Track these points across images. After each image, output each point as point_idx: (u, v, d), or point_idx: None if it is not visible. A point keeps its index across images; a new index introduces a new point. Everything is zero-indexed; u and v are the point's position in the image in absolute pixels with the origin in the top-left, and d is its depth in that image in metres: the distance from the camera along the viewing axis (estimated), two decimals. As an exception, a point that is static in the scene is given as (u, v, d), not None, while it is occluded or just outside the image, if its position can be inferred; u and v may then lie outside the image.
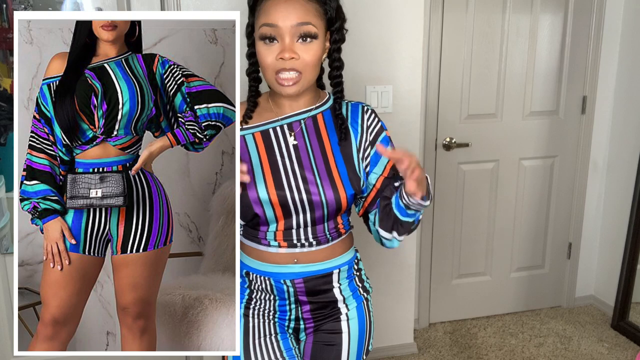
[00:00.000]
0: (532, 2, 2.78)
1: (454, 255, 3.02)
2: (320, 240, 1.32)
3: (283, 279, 1.33)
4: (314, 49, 1.22)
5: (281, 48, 1.21)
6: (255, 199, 1.26)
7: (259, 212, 1.27)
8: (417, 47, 2.43)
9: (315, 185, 1.27)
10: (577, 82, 2.95)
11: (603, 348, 2.84)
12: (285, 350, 1.36)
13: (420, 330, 3.00)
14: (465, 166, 2.91)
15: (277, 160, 1.29)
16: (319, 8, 1.23)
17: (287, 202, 1.27)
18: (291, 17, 1.19)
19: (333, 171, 1.29)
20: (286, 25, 1.19)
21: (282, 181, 1.27)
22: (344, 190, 1.28)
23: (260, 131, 1.31)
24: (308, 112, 1.32)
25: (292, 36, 1.20)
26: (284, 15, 1.19)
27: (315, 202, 1.27)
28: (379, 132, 1.34)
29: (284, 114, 1.31)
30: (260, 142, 1.30)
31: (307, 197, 1.27)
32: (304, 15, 1.20)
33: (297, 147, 1.30)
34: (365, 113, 1.35)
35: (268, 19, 1.20)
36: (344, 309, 1.39)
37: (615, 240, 3.02)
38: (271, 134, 1.30)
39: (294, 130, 1.31)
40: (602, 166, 3.10)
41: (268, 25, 1.20)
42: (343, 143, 1.32)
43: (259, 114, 1.33)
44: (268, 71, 1.24)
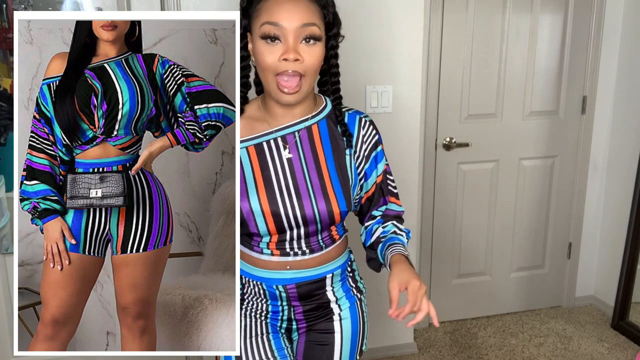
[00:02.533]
0: (532, 2, 2.78)
1: (454, 255, 3.02)
2: (314, 249, 1.31)
3: (275, 285, 1.32)
4: (318, 51, 1.18)
5: (285, 49, 1.15)
6: (248, 212, 1.24)
7: (251, 225, 1.25)
8: (417, 47, 2.43)
9: (309, 199, 1.25)
10: (577, 82, 2.95)
11: (603, 348, 2.84)
12: (277, 349, 1.35)
13: (420, 330, 3.00)
14: (465, 166, 2.91)
15: (271, 175, 1.25)
16: (321, 11, 1.20)
17: (280, 218, 1.25)
18: (297, 17, 1.14)
19: (327, 185, 1.26)
20: (291, 26, 1.15)
21: (276, 197, 1.24)
22: (337, 206, 1.26)
23: (254, 144, 1.27)
24: (304, 121, 1.28)
25: (296, 37, 1.15)
26: (290, 15, 1.14)
27: (309, 217, 1.25)
28: (375, 146, 1.32)
29: (278, 124, 1.27)
30: (254, 157, 1.26)
31: (301, 212, 1.25)
32: (310, 16, 1.16)
33: (290, 161, 1.26)
34: (362, 124, 1.32)
35: (271, 17, 1.15)
36: (337, 309, 1.38)
37: (615, 240, 3.02)
38: (265, 147, 1.27)
39: (288, 142, 1.27)
40: (602, 166, 3.10)
41: (271, 24, 1.15)
42: (338, 154, 1.29)
43: (251, 126, 1.29)
44: (268, 73, 1.18)
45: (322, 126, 1.29)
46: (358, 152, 1.31)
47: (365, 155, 1.32)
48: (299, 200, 1.25)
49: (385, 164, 1.35)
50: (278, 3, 1.16)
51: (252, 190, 1.24)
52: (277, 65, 1.16)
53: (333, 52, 1.26)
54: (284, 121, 1.27)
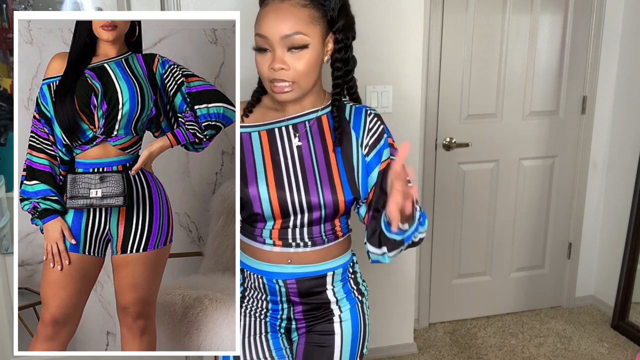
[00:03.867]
0: (532, 2, 2.78)
1: (454, 255, 3.02)
2: (316, 241, 1.32)
3: (275, 279, 1.33)
4: (306, 57, 1.21)
5: (272, 58, 1.21)
6: (255, 196, 1.27)
7: (257, 209, 1.27)
8: (417, 47, 2.43)
9: (315, 187, 1.28)
10: (577, 82, 2.95)
11: (603, 348, 2.84)
12: (275, 349, 1.36)
13: (420, 330, 3.00)
14: (465, 166, 2.91)
15: (280, 160, 1.29)
16: (314, 13, 1.21)
17: (286, 202, 1.27)
18: (280, 28, 1.18)
19: (334, 174, 1.29)
20: (275, 37, 1.19)
21: (284, 181, 1.28)
22: (343, 195, 1.28)
23: (266, 130, 1.31)
24: (314, 112, 1.32)
25: (282, 47, 1.20)
26: (273, 26, 1.19)
27: (314, 204, 1.28)
28: (380, 136, 1.33)
29: (288, 114, 1.32)
30: (265, 141, 1.31)
31: (306, 198, 1.27)
32: (294, 25, 1.18)
33: (300, 149, 1.30)
34: (368, 116, 1.34)
35: (260, 28, 1.20)
36: (337, 311, 1.38)
37: (615, 240, 3.02)
38: (276, 133, 1.31)
39: (299, 131, 1.31)
40: (602, 166, 3.10)
41: (259, 36, 1.21)
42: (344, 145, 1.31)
43: (263, 113, 1.34)
44: (264, 80, 1.25)
45: (331, 118, 1.33)
46: (365, 143, 1.33)
47: (370, 144, 1.32)
48: (305, 187, 1.28)
49: (389, 158, 1.32)
50: (265, 13, 1.21)
51: (261, 173, 1.28)
52: (268, 74, 1.23)
53: (337, 46, 1.27)
54: (293, 112, 1.32)
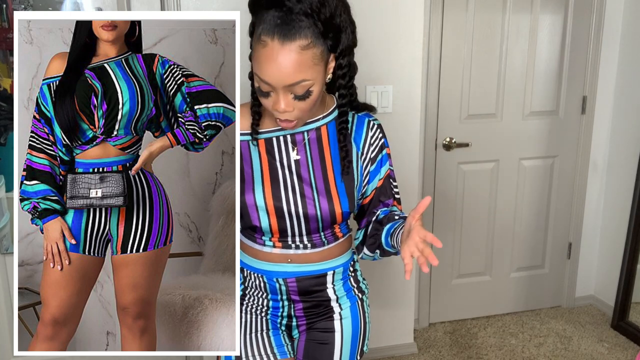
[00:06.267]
0: (532, 2, 2.78)
1: (454, 255, 3.02)
2: (316, 244, 1.32)
3: (276, 277, 1.33)
4: (311, 98, 1.17)
5: (275, 100, 1.16)
6: (252, 204, 1.27)
7: (254, 218, 1.27)
8: (417, 47, 2.43)
9: (312, 199, 1.28)
10: (577, 82, 2.95)
11: (603, 348, 2.84)
12: (277, 346, 1.36)
13: (420, 330, 3.00)
14: (465, 166, 2.91)
15: (277, 171, 1.28)
16: (316, 51, 1.13)
17: (283, 213, 1.27)
18: (283, 77, 1.12)
19: (331, 187, 1.29)
20: (278, 85, 1.13)
21: (281, 193, 1.27)
22: (340, 206, 1.28)
23: (264, 138, 1.29)
24: (314, 122, 1.29)
25: (285, 92, 1.14)
26: (277, 76, 1.12)
27: (311, 215, 1.28)
28: (381, 149, 1.34)
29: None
30: (263, 150, 1.29)
31: (303, 210, 1.27)
32: (297, 73, 1.12)
33: (298, 162, 1.29)
34: (370, 129, 1.33)
35: (260, 73, 1.14)
36: (337, 308, 1.39)
37: (615, 240, 3.02)
38: (274, 143, 1.29)
39: (297, 142, 1.29)
40: (602, 166, 3.10)
41: (262, 81, 1.14)
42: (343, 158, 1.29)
43: (262, 121, 1.30)
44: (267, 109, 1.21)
45: (331, 128, 1.31)
46: (365, 155, 1.33)
47: (372, 158, 1.33)
48: (302, 199, 1.27)
49: (389, 169, 1.36)
50: (265, 58, 1.12)
51: (258, 183, 1.27)
52: (272, 111, 1.18)
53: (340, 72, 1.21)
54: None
